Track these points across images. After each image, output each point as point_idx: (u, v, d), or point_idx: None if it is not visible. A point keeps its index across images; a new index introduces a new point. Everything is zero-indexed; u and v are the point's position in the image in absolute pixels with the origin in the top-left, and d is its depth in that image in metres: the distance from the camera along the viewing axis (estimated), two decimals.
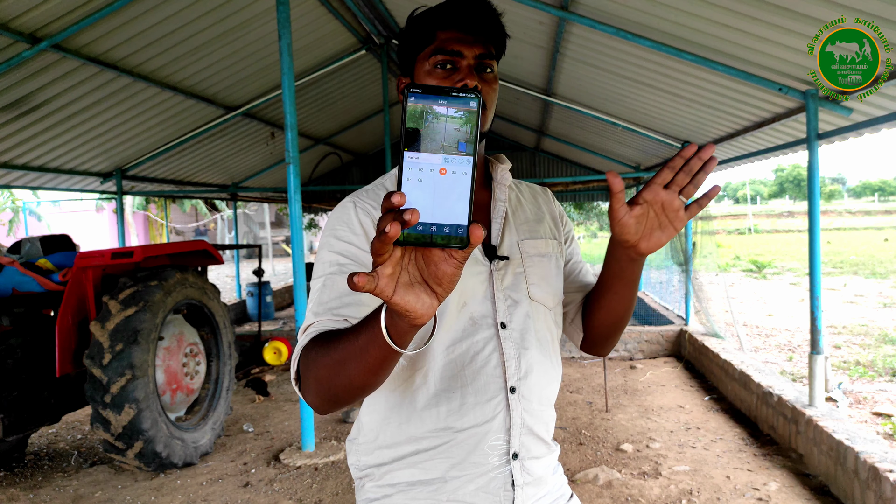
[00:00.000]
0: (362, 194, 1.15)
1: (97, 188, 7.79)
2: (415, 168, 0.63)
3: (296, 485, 4.16)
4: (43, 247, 4.83)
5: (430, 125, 0.63)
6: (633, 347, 7.53)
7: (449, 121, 0.63)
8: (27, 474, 4.53)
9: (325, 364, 0.88)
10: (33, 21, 4.27)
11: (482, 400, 1.10)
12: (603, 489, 3.90)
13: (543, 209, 1.30)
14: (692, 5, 3.76)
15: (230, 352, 5.15)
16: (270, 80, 6.79)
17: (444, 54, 1.11)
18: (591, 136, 9.16)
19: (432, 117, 0.63)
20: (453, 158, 0.63)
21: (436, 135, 0.63)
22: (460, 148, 0.63)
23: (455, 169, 0.63)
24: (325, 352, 0.89)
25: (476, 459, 1.10)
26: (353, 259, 1.06)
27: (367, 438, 1.18)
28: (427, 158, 0.63)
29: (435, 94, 0.63)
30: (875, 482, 3.23)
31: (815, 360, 4.26)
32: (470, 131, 0.63)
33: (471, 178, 0.63)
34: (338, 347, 0.86)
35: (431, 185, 0.63)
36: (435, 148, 0.63)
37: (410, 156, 0.63)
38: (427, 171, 0.63)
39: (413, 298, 0.67)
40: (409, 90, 0.63)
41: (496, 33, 1.16)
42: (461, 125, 0.63)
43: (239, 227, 15.04)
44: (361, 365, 0.82)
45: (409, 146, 0.63)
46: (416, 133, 0.63)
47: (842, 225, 36.30)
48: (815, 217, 4.31)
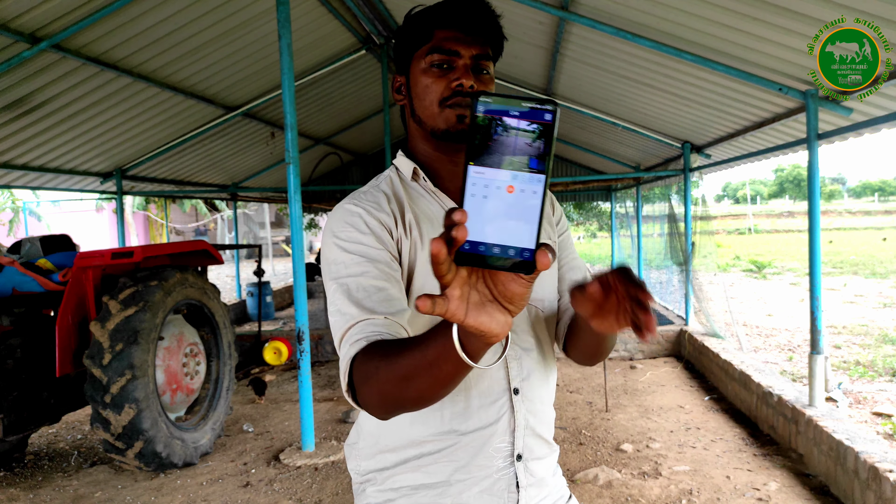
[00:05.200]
0: (360, 196, 1.13)
1: (97, 188, 7.79)
2: (479, 184, 0.59)
3: (296, 485, 4.16)
4: (43, 247, 4.83)
5: (499, 138, 0.58)
6: (633, 347, 7.53)
7: (520, 134, 0.58)
8: (27, 474, 4.53)
9: (390, 379, 0.85)
10: (33, 21, 4.27)
11: (487, 402, 1.09)
12: (603, 489, 3.90)
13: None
14: (692, 5, 3.76)
15: (230, 352, 5.15)
16: (270, 80, 6.79)
17: (441, 53, 1.10)
18: (591, 136, 9.16)
19: (502, 129, 0.58)
20: (523, 176, 0.58)
21: (505, 149, 0.58)
22: (531, 165, 0.58)
23: (524, 188, 0.59)
24: (387, 366, 0.85)
25: (481, 462, 1.09)
26: (368, 257, 1.04)
27: (367, 443, 1.16)
28: (494, 174, 0.59)
29: (506, 104, 0.58)
30: (875, 482, 3.22)
31: (815, 360, 4.26)
32: (543, 147, 0.58)
33: (541, 199, 0.59)
34: (403, 363, 0.83)
35: (497, 203, 0.59)
36: (503, 164, 0.59)
37: (475, 170, 0.59)
38: (493, 189, 0.59)
39: (487, 319, 0.64)
40: (478, 98, 0.58)
41: (494, 34, 1.15)
42: (533, 140, 0.58)
43: (239, 227, 15.04)
44: (433, 380, 0.80)
45: (474, 160, 0.58)
46: (484, 146, 0.58)
47: (842, 225, 36.30)
48: (814, 217, 4.31)
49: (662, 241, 9.31)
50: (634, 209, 11.16)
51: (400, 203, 1.12)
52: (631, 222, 11.61)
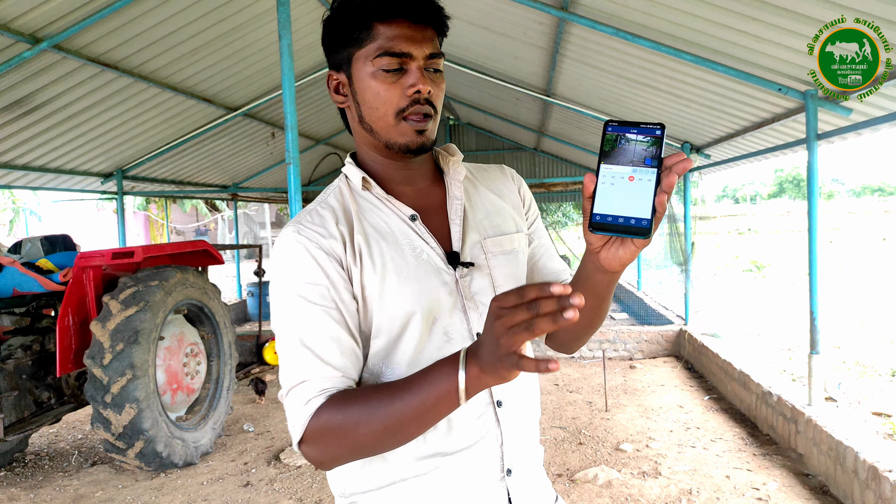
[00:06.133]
0: (305, 221, 1.01)
1: (98, 188, 7.79)
2: (608, 176, 0.80)
3: (296, 484, 4.17)
4: (43, 247, 4.83)
5: (622, 146, 0.80)
6: (633, 347, 7.54)
7: (638, 143, 0.80)
8: (28, 474, 4.54)
9: (373, 431, 0.85)
10: (34, 21, 4.28)
11: (469, 419, 1.01)
12: (603, 489, 3.91)
13: (505, 195, 1.17)
14: (692, 6, 3.76)
15: (230, 352, 5.15)
16: (271, 81, 6.80)
17: (391, 56, 0.97)
18: (592, 136, 9.16)
19: (624, 141, 0.80)
20: (641, 170, 0.79)
21: (627, 153, 0.80)
22: (647, 162, 0.79)
23: (641, 177, 0.79)
24: (369, 419, 0.85)
25: (470, 482, 1.02)
26: (317, 303, 0.95)
27: (352, 468, 1.06)
28: (619, 170, 0.80)
29: (628, 126, 0.81)
30: (874, 482, 3.23)
31: (815, 360, 4.27)
32: (655, 151, 0.79)
33: (654, 185, 0.78)
34: (392, 413, 0.84)
35: (621, 188, 0.79)
36: (625, 162, 0.80)
37: (605, 167, 0.80)
38: (619, 178, 0.79)
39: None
40: (611, 124, 0.81)
41: (440, 20, 1.02)
42: (647, 146, 0.80)
43: (239, 228, 15.04)
44: (426, 424, 0.82)
45: (604, 161, 0.80)
46: (611, 152, 0.80)
47: (841, 225, 36.28)
48: (814, 217, 4.32)
49: (662, 241, 9.32)
50: None
51: (349, 220, 1.03)
52: None
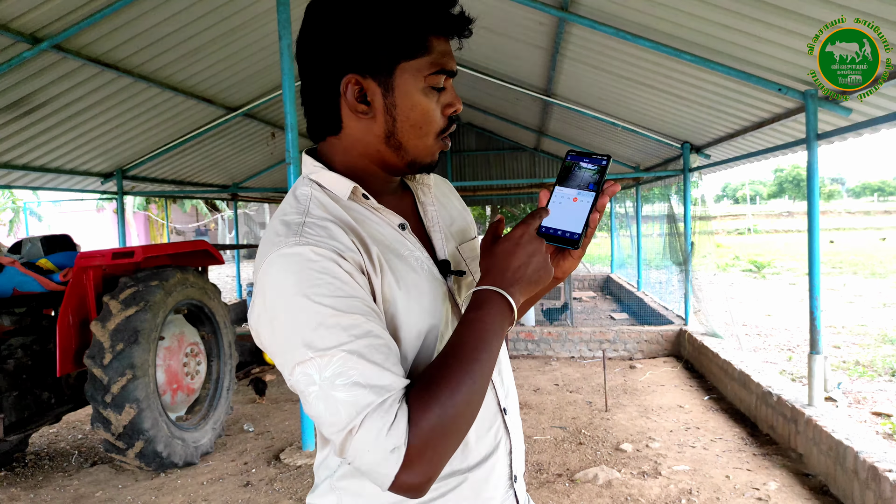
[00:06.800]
0: (310, 235, 0.86)
1: (98, 188, 7.80)
2: (559, 196, 0.96)
3: (296, 484, 4.17)
4: (44, 247, 4.83)
5: (575, 172, 0.97)
6: (633, 347, 7.54)
7: (586, 171, 0.96)
8: (28, 474, 4.54)
9: (473, 400, 0.83)
10: (34, 21, 4.28)
11: (483, 431, 1.00)
12: (602, 489, 3.91)
13: (454, 202, 1.17)
14: (692, 5, 3.77)
15: (231, 351, 5.15)
16: (271, 81, 6.80)
17: (446, 74, 0.94)
18: (591, 136, 9.17)
19: (577, 168, 0.97)
20: (583, 193, 0.95)
21: (577, 178, 0.96)
22: (590, 187, 0.95)
23: (582, 199, 0.95)
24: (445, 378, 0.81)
25: (487, 494, 1.00)
26: (362, 313, 0.84)
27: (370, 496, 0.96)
28: (568, 192, 0.96)
29: (583, 156, 0.98)
30: (874, 482, 3.23)
31: (815, 360, 4.27)
32: (598, 178, 0.95)
33: (591, 205, 0.94)
34: (462, 355, 0.84)
35: (567, 207, 0.95)
36: (574, 185, 0.96)
37: (559, 189, 0.96)
38: (566, 199, 0.95)
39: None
40: (570, 154, 0.99)
41: None
42: (593, 174, 0.96)
43: (239, 228, 15.05)
44: (492, 363, 0.87)
45: (560, 184, 0.97)
46: (566, 177, 0.97)
47: (841, 225, 36.30)
48: (814, 217, 4.32)
49: (662, 241, 9.32)
50: (634, 209, 11.17)
51: (355, 232, 0.91)
52: (630, 222, 11.62)
